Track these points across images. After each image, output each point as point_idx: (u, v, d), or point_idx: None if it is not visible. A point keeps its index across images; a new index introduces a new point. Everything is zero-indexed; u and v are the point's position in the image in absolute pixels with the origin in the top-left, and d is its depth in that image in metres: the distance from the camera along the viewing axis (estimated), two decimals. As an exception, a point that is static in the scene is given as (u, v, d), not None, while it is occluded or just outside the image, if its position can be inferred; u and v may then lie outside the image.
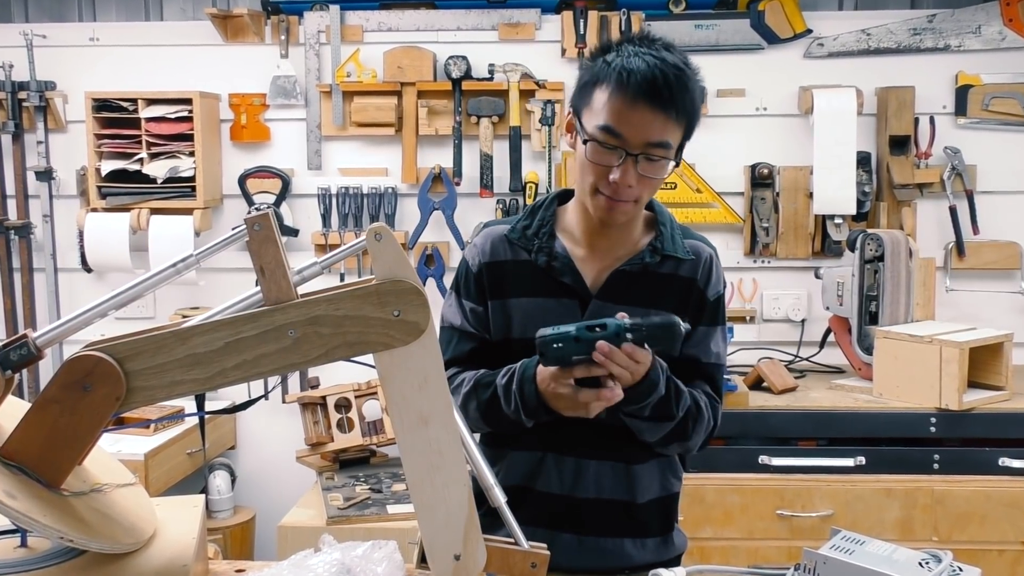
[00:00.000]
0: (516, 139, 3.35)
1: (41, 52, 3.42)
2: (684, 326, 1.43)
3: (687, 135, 1.60)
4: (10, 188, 3.52)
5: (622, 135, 1.53)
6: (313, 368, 3.17)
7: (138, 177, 3.33)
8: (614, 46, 1.58)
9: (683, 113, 1.54)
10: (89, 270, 3.47)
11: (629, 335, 1.43)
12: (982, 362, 2.86)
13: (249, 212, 1.19)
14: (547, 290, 1.65)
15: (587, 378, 1.48)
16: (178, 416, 3.09)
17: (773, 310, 3.41)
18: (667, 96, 1.51)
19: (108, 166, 3.33)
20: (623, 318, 1.46)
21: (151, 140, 3.31)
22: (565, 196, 1.74)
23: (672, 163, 1.57)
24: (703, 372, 1.67)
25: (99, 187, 3.35)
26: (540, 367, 1.53)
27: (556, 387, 1.50)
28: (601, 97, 1.55)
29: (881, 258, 3.00)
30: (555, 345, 1.46)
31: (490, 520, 1.30)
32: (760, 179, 3.37)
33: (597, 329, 1.44)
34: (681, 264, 1.66)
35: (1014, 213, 3.35)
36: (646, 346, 1.46)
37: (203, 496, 1.56)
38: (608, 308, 1.62)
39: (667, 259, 1.66)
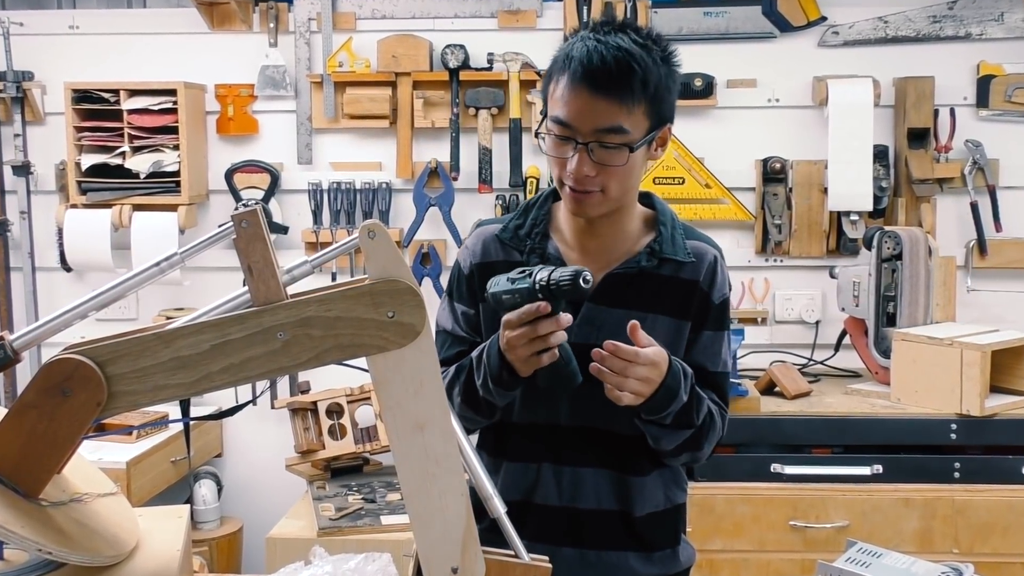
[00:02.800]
0: (516, 132, 3.36)
1: (18, 41, 3.43)
2: (587, 278, 1.43)
3: (656, 119, 1.58)
4: (-14, 183, 3.53)
5: (570, 124, 1.54)
6: (304, 372, 3.19)
7: (120, 172, 3.34)
8: (574, 33, 1.61)
9: (631, 96, 1.52)
10: (69, 269, 3.48)
11: (538, 287, 1.46)
12: (1005, 366, 2.86)
13: (236, 208, 1.19)
14: None
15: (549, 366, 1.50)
16: (162, 422, 3.09)
17: (786, 311, 3.41)
18: (605, 80, 1.51)
19: (88, 160, 3.33)
20: (585, 273, 1.45)
21: (133, 133, 3.32)
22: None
23: (628, 149, 1.54)
24: (711, 381, 1.67)
25: (79, 182, 3.35)
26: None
27: (509, 339, 1.50)
28: (555, 89, 1.58)
29: (899, 256, 3.00)
30: (492, 289, 1.53)
31: (490, 535, 1.30)
32: (772, 174, 3.37)
33: (521, 275, 1.49)
34: (682, 267, 1.66)
35: (1038, 209, 3.36)
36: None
37: (188, 506, 1.56)
38: (602, 311, 1.62)
39: (666, 261, 1.65)
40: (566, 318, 1.47)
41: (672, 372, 1.52)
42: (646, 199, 1.73)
